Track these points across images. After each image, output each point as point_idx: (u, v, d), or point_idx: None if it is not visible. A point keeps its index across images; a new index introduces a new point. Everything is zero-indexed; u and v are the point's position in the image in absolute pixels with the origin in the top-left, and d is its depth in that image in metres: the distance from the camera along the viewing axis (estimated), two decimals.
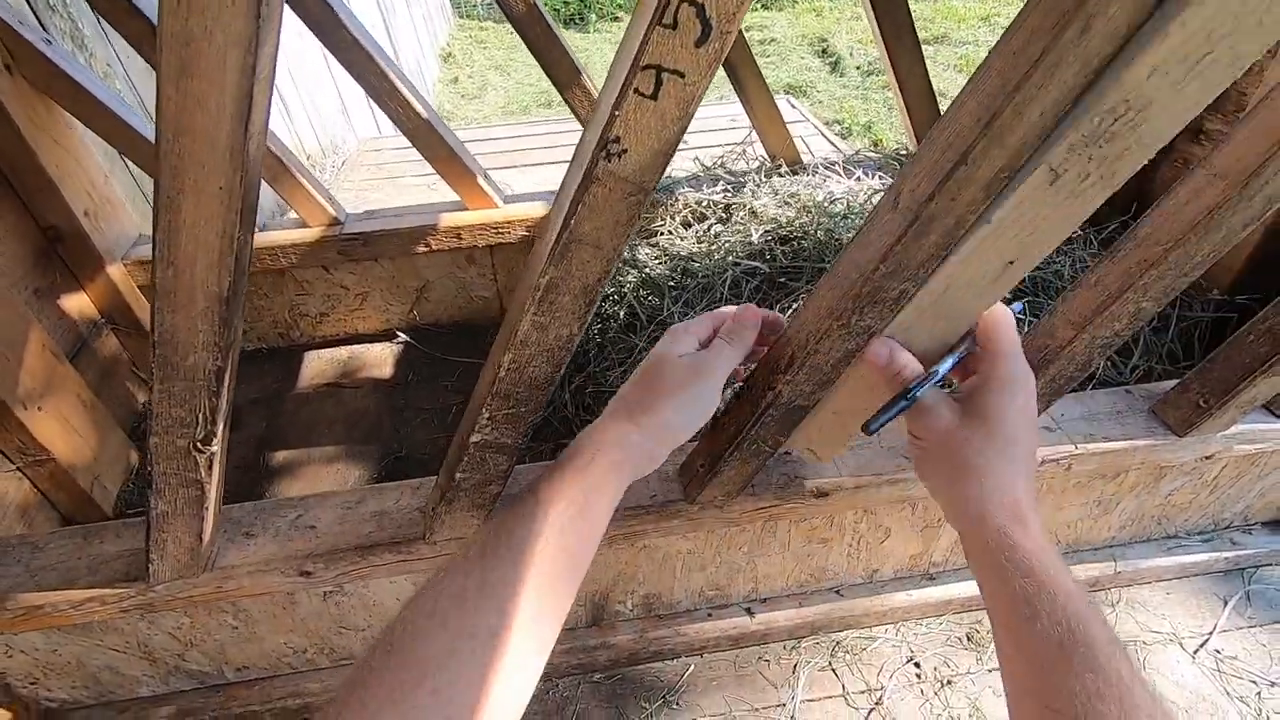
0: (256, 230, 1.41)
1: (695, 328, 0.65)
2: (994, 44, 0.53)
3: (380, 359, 1.51)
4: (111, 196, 1.32)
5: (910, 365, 0.56)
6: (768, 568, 1.01)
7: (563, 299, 0.59)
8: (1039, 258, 0.52)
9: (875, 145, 3.72)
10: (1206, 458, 0.93)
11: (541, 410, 0.68)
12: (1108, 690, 0.40)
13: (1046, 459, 0.86)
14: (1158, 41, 0.35)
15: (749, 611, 1.05)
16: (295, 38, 2.65)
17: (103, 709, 0.95)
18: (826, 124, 3.64)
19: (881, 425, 0.56)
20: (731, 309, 0.68)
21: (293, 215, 1.43)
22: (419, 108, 1.24)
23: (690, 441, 0.91)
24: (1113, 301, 0.69)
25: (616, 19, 6.12)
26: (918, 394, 0.54)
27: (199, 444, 0.64)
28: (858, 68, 4.59)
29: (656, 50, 0.45)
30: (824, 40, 5.06)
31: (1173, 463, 0.93)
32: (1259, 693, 1.00)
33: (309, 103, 2.95)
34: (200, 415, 0.62)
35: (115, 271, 1.29)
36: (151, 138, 1.18)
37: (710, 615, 1.04)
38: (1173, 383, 0.91)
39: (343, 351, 1.53)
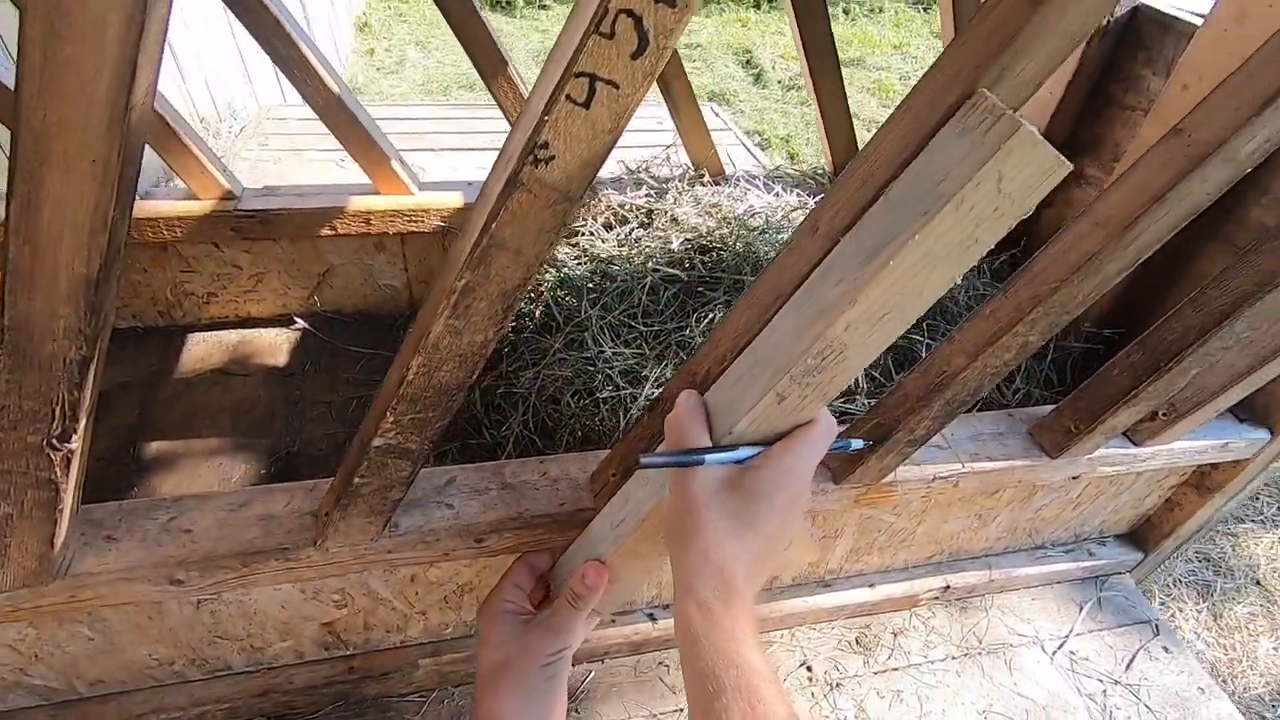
0: (137, 198, 1.28)
1: (514, 580, 0.74)
2: (915, 84, 0.56)
3: (274, 346, 1.41)
4: None
5: (695, 435, 0.55)
6: (668, 575, 1.02)
7: (479, 304, 0.57)
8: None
9: (792, 159, 3.85)
10: (1074, 478, 1.01)
11: (449, 416, 0.66)
12: None
13: (938, 476, 0.91)
14: (848, 307, 0.47)
15: (651, 618, 1.05)
16: None
17: None
18: (747, 134, 3.73)
19: (653, 466, 0.56)
20: (544, 561, 0.77)
21: (180, 184, 1.31)
22: (330, 82, 1.16)
23: (603, 449, 0.90)
24: (1004, 333, 0.73)
25: (545, 6, 6.01)
26: (705, 460, 0.54)
27: (55, 441, 0.57)
28: (779, 81, 4.73)
29: (592, 58, 0.44)
30: (748, 51, 5.17)
31: (1044, 482, 1.01)
32: (1104, 690, 1.10)
33: (205, 60, 2.73)
34: (57, 409, 0.55)
35: None
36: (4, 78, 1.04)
37: (613, 621, 1.04)
38: (1048, 408, 0.99)
39: (232, 335, 1.41)
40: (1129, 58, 1.24)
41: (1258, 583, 1.80)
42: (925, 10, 6.36)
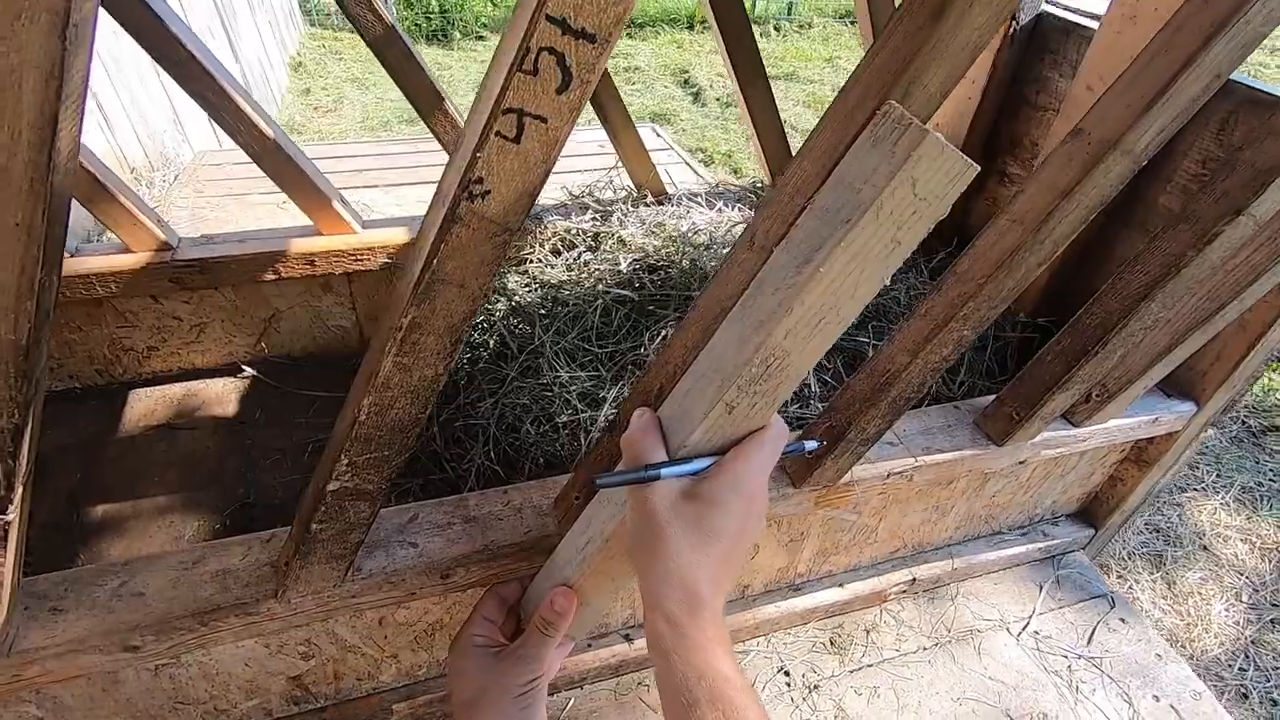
0: (67, 255, 1.24)
1: (484, 613, 0.73)
2: (832, 101, 0.58)
3: (222, 396, 1.38)
4: None
5: (650, 451, 0.55)
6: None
7: (427, 339, 0.57)
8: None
9: (735, 174, 3.93)
10: (1020, 462, 1.05)
11: (407, 453, 0.65)
12: None
13: (893, 472, 0.94)
14: (785, 314, 0.49)
15: (627, 638, 1.05)
16: (113, 36, 2.39)
17: None
18: (690, 152, 3.80)
19: (610, 485, 0.57)
20: (513, 591, 0.76)
21: (112, 238, 1.27)
22: (265, 127, 1.15)
23: (565, 474, 0.91)
24: (940, 329, 0.77)
25: (481, 38, 6.05)
26: (661, 473, 0.54)
27: None
28: (717, 99, 4.84)
29: (518, 94, 0.45)
30: (685, 71, 5.29)
31: (994, 469, 1.05)
32: (1069, 666, 1.14)
33: (132, 109, 2.66)
34: None
35: None
36: None
37: (590, 645, 1.04)
38: (991, 397, 1.03)
39: (176, 389, 1.37)
40: (1037, 60, 1.32)
41: (1205, 548, 1.88)
42: (852, 24, 6.60)
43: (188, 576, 0.74)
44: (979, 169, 0.46)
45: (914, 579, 1.18)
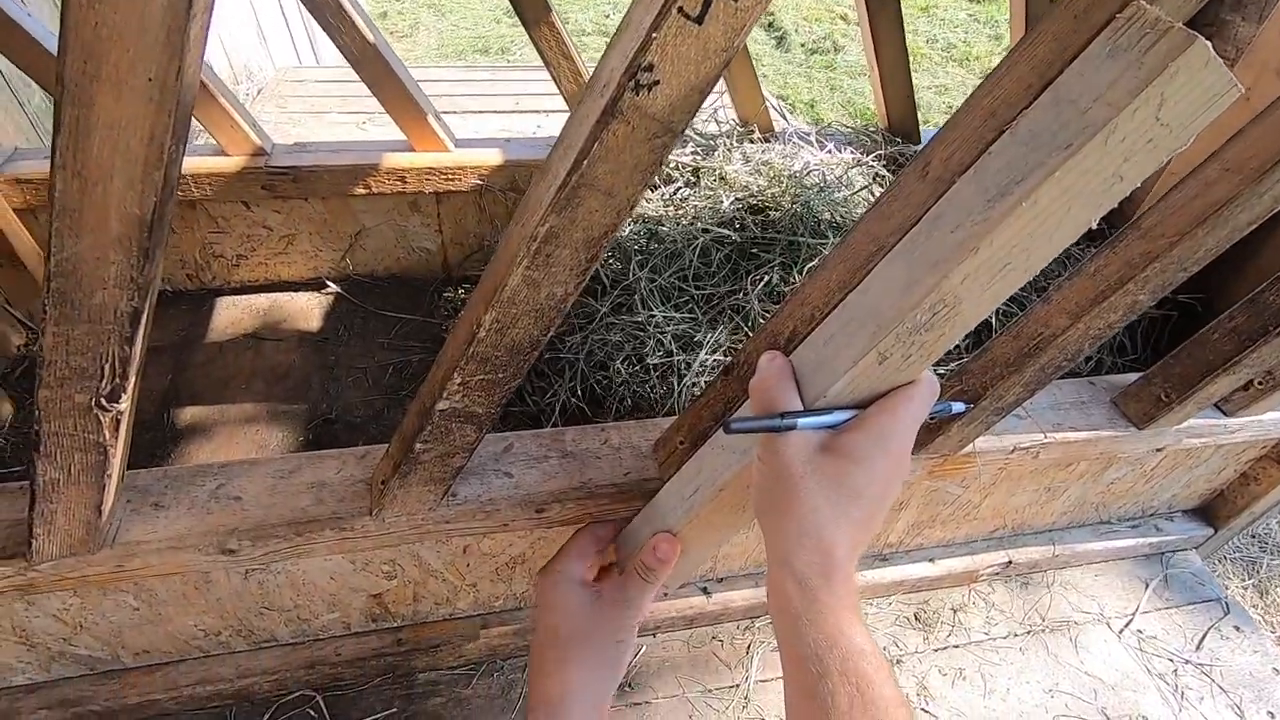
0: None
1: (579, 550, 0.70)
2: (1056, 5, 0.49)
3: (306, 310, 1.37)
4: None
5: (785, 398, 0.51)
6: (728, 547, 0.98)
7: (562, 252, 0.51)
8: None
9: (817, 124, 3.74)
10: (1156, 450, 0.96)
11: (520, 378, 0.61)
12: None
13: (1018, 447, 0.86)
14: (968, 255, 0.42)
15: (705, 591, 1.02)
16: None
17: None
18: (773, 99, 3.61)
19: (743, 430, 0.52)
20: (609, 532, 0.73)
21: (207, 141, 1.25)
22: (365, 30, 1.10)
23: (663, 417, 0.86)
24: (1112, 292, 0.68)
25: None
26: (798, 424, 0.49)
27: (104, 400, 0.53)
28: (803, 45, 4.59)
29: None
30: (771, 14, 5.01)
31: (1126, 454, 0.96)
32: (1175, 670, 1.06)
33: (219, 20, 2.65)
34: (107, 366, 0.51)
35: None
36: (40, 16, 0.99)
37: (666, 595, 1.00)
38: (1131, 375, 0.93)
39: (263, 299, 1.37)
40: (1216, 3, 1.16)
41: None
42: None
43: (284, 485, 0.72)
44: (1243, 91, 0.37)
45: (1010, 561, 1.11)
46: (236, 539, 0.69)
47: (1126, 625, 1.11)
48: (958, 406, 0.61)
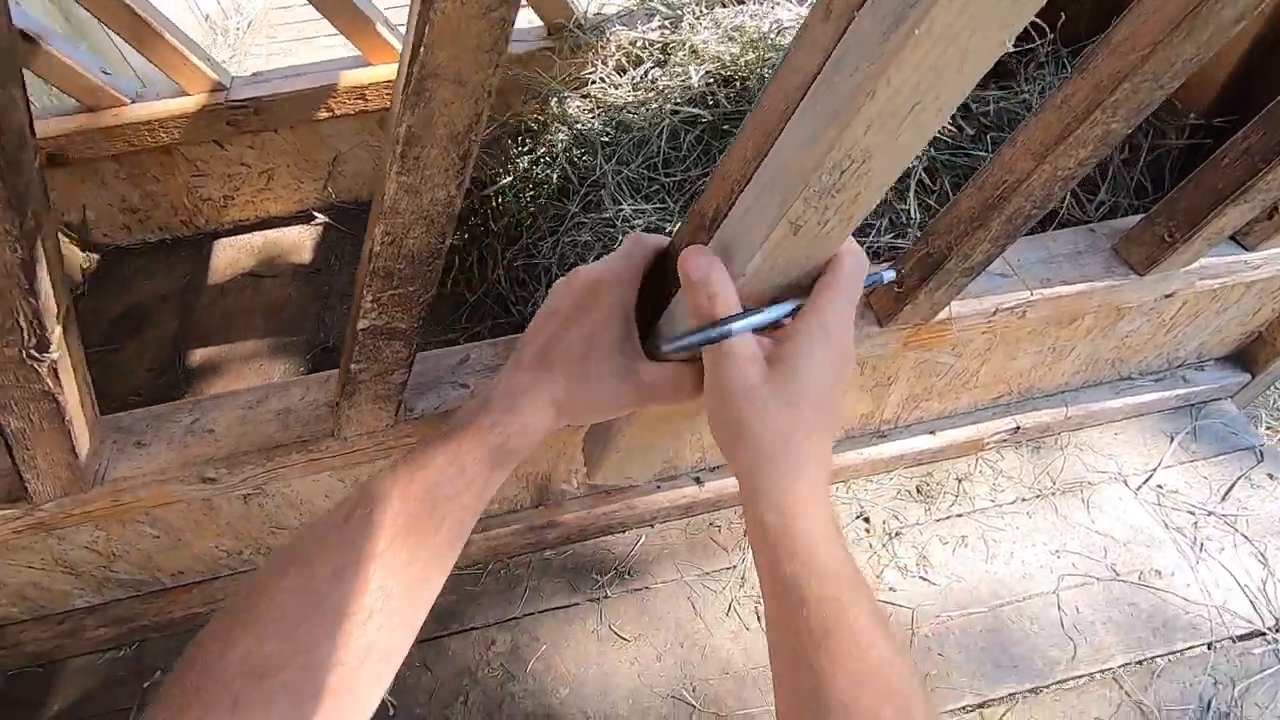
0: (130, 101, 1.23)
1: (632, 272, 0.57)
2: None
3: (298, 243, 1.39)
4: None
5: (725, 297, 0.47)
6: (712, 438, 0.98)
7: (430, 153, 0.49)
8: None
9: None
10: (1166, 296, 0.88)
11: (432, 288, 0.60)
12: (868, 678, 0.41)
13: (1001, 308, 0.81)
14: (865, 99, 0.37)
15: (698, 480, 1.03)
16: None
17: (37, 623, 0.93)
18: None
19: (677, 350, 0.49)
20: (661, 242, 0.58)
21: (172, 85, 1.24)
22: None
23: None
24: (1079, 124, 0.60)
25: None
26: (732, 329, 0.46)
27: (33, 352, 0.55)
28: None
29: None
30: None
31: (1132, 304, 0.89)
32: (1195, 522, 1.02)
33: None
34: (21, 320, 0.53)
35: None
36: None
37: (659, 487, 1.02)
38: (1138, 218, 0.84)
39: (256, 237, 1.39)
40: None
41: None
42: None
43: (252, 415, 0.75)
44: None
45: (1017, 427, 1.07)
46: (214, 468, 0.73)
47: (1145, 481, 1.06)
48: (888, 274, 0.57)
